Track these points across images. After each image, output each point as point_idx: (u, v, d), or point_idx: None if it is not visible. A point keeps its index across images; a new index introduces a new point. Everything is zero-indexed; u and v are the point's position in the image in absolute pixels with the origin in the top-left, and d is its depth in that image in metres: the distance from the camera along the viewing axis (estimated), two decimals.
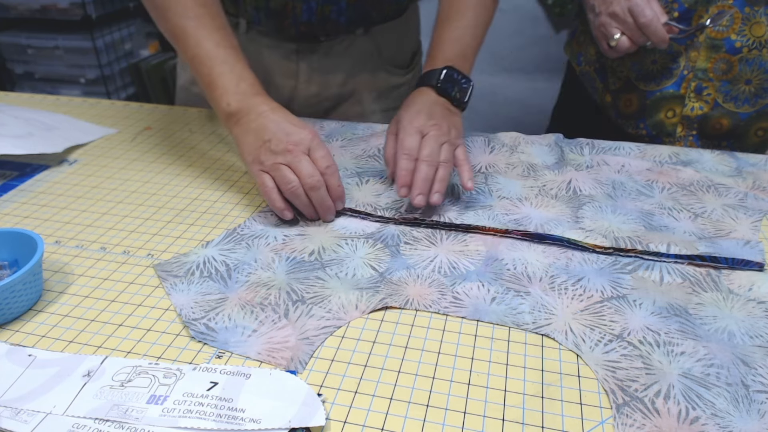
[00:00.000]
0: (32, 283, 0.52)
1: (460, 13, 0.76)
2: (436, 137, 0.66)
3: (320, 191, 0.63)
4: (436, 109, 0.69)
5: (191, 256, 0.59)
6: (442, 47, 0.75)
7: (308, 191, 0.63)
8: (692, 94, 0.87)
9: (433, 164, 0.64)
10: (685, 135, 0.90)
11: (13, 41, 2.08)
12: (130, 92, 2.19)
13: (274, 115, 0.65)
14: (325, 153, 0.64)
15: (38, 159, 0.80)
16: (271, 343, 0.49)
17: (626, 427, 0.42)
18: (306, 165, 0.62)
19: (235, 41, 0.70)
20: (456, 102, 0.72)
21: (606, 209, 0.67)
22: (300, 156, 0.63)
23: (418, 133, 0.66)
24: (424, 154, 0.64)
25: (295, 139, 0.63)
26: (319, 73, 0.92)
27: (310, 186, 0.62)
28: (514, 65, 2.05)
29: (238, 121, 0.66)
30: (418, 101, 0.70)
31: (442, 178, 0.64)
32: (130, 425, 0.42)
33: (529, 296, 0.54)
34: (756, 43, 0.82)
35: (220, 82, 0.67)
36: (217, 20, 0.70)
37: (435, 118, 0.67)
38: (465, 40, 0.75)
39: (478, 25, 0.77)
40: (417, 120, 0.67)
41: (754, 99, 0.86)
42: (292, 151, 0.63)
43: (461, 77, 0.72)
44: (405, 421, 0.43)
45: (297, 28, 0.87)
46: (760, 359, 0.47)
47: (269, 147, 0.63)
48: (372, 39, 0.92)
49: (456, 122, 0.70)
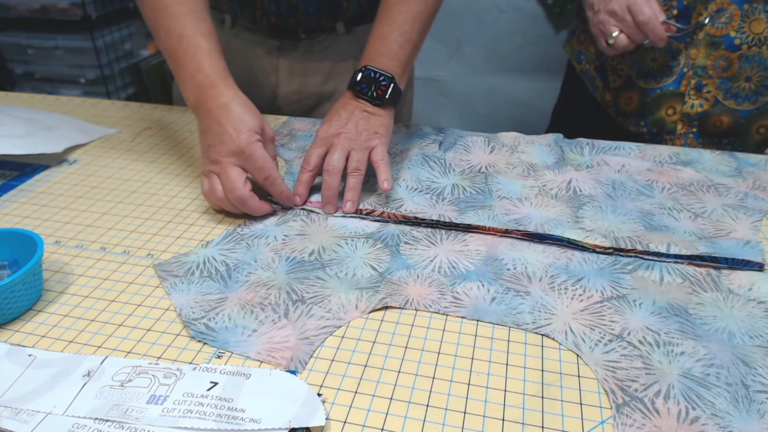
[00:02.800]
0: (32, 283, 0.52)
1: (390, 11, 0.74)
2: (341, 145, 0.66)
3: (246, 204, 0.63)
4: (349, 114, 0.69)
5: (191, 256, 0.59)
6: (368, 47, 0.73)
7: (234, 204, 0.63)
8: (692, 92, 0.87)
9: (334, 173, 0.65)
10: (685, 132, 0.90)
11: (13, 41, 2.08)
12: (130, 92, 2.19)
13: (219, 114, 0.63)
14: (261, 164, 0.63)
15: (38, 159, 0.80)
16: (271, 343, 0.49)
17: (626, 427, 0.42)
18: (231, 179, 0.62)
19: (206, 26, 0.68)
20: (376, 101, 0.70)
21: (606, 209, 0.67)
22: (228, 169, 0.62)
23: (323, 145, 0.67)
24: (326, 164, 0.66)
25: (227, 149, 0.62)
26: (300, 71, 0.93)
27: (234, 200, 0.63)
28: (514, 65, 2.05)
29: (197, 118, 0.66)
30: (335, 108, 0.70)
31: (351, 188, 0.66)
32: (130, 425, 0.42)
33: (529, 296, 0.54)
34: (755, 40, 0.82)
35: (181, 75, 0.66)
36: (186, 5, 0.68)
37: (345, 126, 0.67)
38: (392, 36, 0.72)
39: (407, 20, 0.73)
40: (323, 130, 0.68)
41: (755, 96, 0.86)
42: (222, 163, 0.62)
43: (379, 75, 0.70)
44: (405, 421, 0.43)
45: (268, 18, 0.87)
46: (760, 359, 0.47)
47: (208, 154, 0.64)
48: (354, 39, 0.92)
49: (374, 123, 0.69)
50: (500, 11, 1.97)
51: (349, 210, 0.66)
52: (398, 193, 0.69)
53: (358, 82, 0.70)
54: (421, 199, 0.68)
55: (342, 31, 0.91)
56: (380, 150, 0.68)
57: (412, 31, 0.73)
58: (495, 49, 2.02)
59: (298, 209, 0.67)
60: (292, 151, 0.81)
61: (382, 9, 0.75)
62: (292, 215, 0.66)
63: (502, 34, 2.00)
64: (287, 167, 0.77)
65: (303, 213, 0.67)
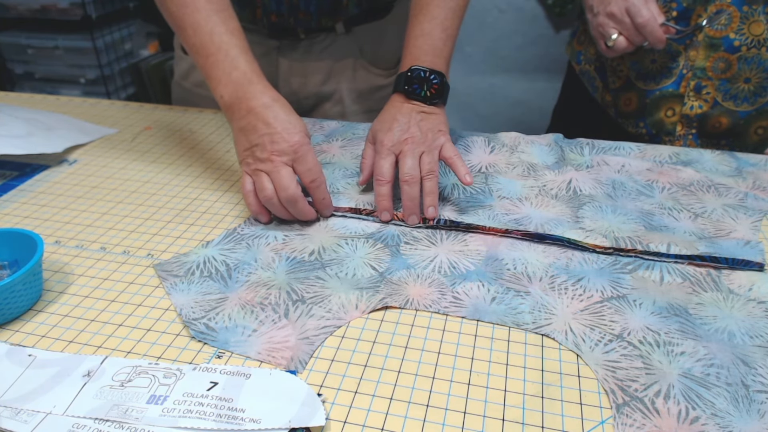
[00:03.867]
0: (32, 283, 0.52)
1: (428, 7, 0.73)
2: (411, 151, 0.65)
3: (296, 204, 0.62)
4: (408, 117, 0.67)
5: (191, 256, 0.59)
6: (410, 46, 0.72)
7: (283, 203, 0.62)
8: (691, 93, 0.87)
9: (414, 182, 0.63)
10: (684, 134, 0.90)
11: (13, 41, 2.08)
12: (130, 92, 2.19)
13: (265, 113, 0.62)
14: (311, 166, 0.62)
15: (38, 159, 0.80)
16: (271, 343, 0.49)
17: (626, 427, 0.42)
18: (284, 178, 0.61)
19: (234, 24, 0.67)
20: (429, 101, 0.69)
21: (606, 209, 0.67)
22: (280, 167, 0.61)
23: (391, 154, 0.65)
24: (403, 174, 0.64)
25: (279, 148, 0.61)
26: (299, 71, 0.93)
27: (285, 199, 0.61)
28: (514, 65, 2.05)
29: (233, 116, 0.65)
30: (390, 114, 0.68)
31: (430, 191, 0.64)
32: (130, 425, 0.42)
33: (529, 296, 0.54)
34: (755, 41, 0.82)
35: (213, 73, 0.65)
36: (215, 3, 0.67)
37: (408, 130, 0.66)
38: (434, 33, 0.71)
39: (447, 16, 0.72)
40: (388, 138, 0.66)
41: (754, 97, 0.86)
42: (274, 162, 0.61)
43: (429, 73, 0.69)
44: (405, 421, 0.43)
45: (269, 18, 0.87)
46: (760, 359, 0.47)
47: (254, 152, 0.62)
48: (354, 39, 0.92)
49: (434, 122, 0.68)
50: (500, 11, 1.97)
51: (432, 215, 0.63)
52: (398, 193, 0.69)
53: (409, 83, 0.69)
54: None
55: (341, 31, 0.91)
56: (449, 146, 0.66)
57: (453, 27, 0.73)
58: (495, 49, 2.02)
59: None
60: None
61: (418, 5, 0.74)
62: None
63: (502, 34, 2.00)
64: None
65: None
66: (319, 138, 0.85)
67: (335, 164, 0.77)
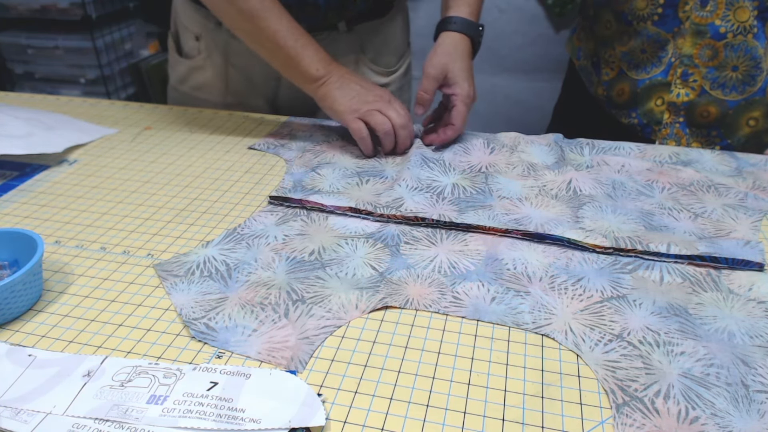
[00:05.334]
0: (32, 283, 0.52)
1: None
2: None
3: (408, 127, 0.79)
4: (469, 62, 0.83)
5: (191, 256, 0.59)
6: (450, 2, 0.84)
7: (399, 130, 0.77)
8: (678, 81, 0.87)
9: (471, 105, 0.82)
10: (671, 122, 0.90)
11: (13, 41, 2.08)
12: (130, 92, 2.19)
13: (354, 77, 0.80)
14: (401, 103, 0.80)
15: (38, 159, 0.80)
16: (271, 343, 0.49)
17: (626, 427, 0.42)
18: (395, 109, 0.78)
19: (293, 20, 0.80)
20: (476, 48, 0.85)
21: (606, 209, 0.67)
22: (387, 104, 0.78)
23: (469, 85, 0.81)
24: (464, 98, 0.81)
25: (378, 92, 0.80)
26: None
27: (401, 125, 0.77)
28: (514, 65, 2.05)
29: (325, 83, 0.79)
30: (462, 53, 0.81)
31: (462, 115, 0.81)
32: (130, 425, 0.42)
33: (529, 296, 0.54)
34: (740, 28, 0.82)
35: (305, 52, 0.79)
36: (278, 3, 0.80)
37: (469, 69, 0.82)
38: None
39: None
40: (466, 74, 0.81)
41: (742, 86, 0.85)
42: (380, 100, 0.78)
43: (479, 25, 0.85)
44: (405, 421, 0.43)
45: None
46: (760, 359, 0.47)
47: (362, 98, 0.78)
48: (355, 37, 0.92)
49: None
50: (500, 11, 1.97)
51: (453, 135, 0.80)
52: (398, 192, 0.69)
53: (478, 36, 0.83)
54: (422, 198, 0.68)
55: (344, 29, 0.91)
56: None
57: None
58: (495, 49, 2.02)
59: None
60: (292, 151, 0.81)
61: None
62: (293, 215, 0.66)
63: (502, 34, 2.00)
64: (287, 167, 0.77)
65: (303, 213, 0.67)
66: (320, 138, 0.85)
67: (335, 164, 0.77)
